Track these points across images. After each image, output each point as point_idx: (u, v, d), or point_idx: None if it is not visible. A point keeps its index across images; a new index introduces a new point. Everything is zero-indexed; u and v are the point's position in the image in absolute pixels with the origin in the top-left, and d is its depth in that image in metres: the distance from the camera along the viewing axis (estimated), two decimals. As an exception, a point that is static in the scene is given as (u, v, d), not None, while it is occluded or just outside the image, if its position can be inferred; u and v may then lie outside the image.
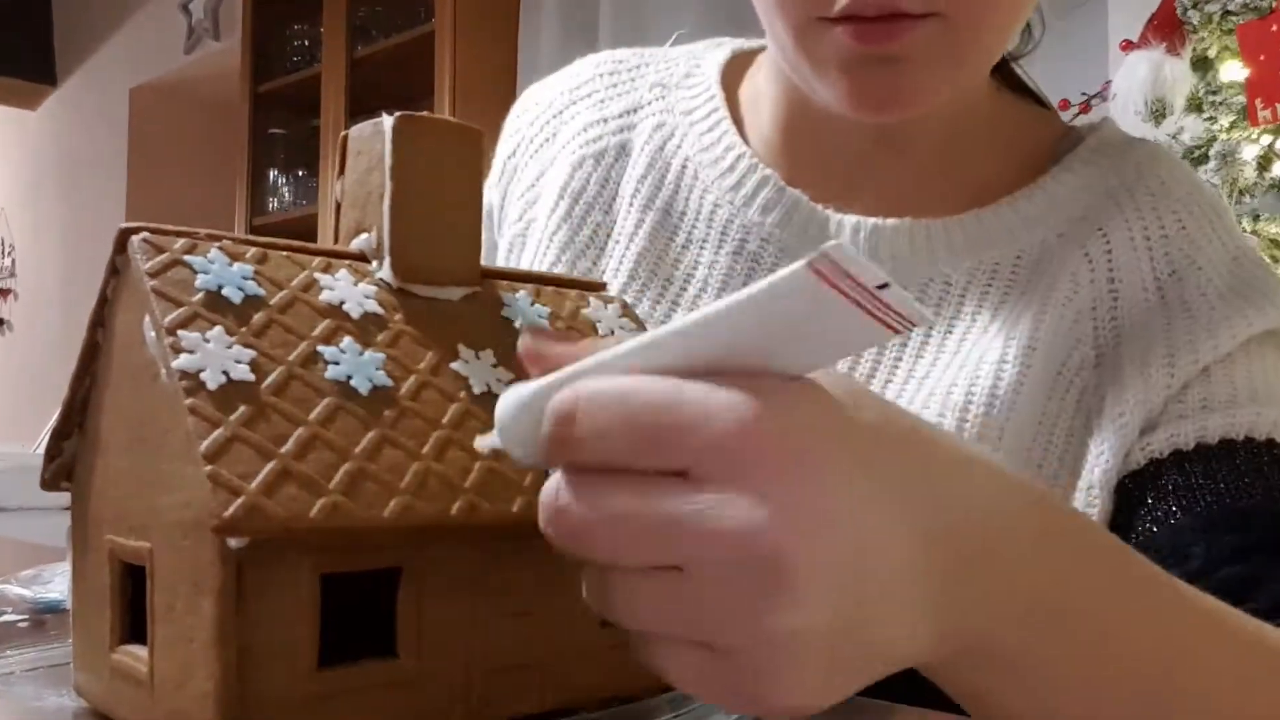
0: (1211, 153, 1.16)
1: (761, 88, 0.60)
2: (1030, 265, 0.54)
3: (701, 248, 0.57)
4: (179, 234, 0.32)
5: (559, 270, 0.59)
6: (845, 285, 0.23)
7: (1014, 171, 0.56)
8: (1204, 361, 0.50)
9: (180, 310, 0.29)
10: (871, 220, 0.55)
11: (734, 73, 0.62)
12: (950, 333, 0.54)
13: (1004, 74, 0.60)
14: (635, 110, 0.62)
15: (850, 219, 0.55)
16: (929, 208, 0.55)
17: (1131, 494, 0.50)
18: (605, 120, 0.62)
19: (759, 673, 0.25)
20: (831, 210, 0.56)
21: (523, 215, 0.63)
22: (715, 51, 0.64)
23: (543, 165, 0.63)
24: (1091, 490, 0.51)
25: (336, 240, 0.36)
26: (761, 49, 0.62)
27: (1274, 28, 1.11)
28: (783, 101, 0.58)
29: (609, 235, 0.60)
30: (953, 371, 0.52)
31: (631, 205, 0.59)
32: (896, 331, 0.24)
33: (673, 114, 0.61)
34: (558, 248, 0.60)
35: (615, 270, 0.58)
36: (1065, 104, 1.48)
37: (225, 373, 0.28)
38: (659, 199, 0.59)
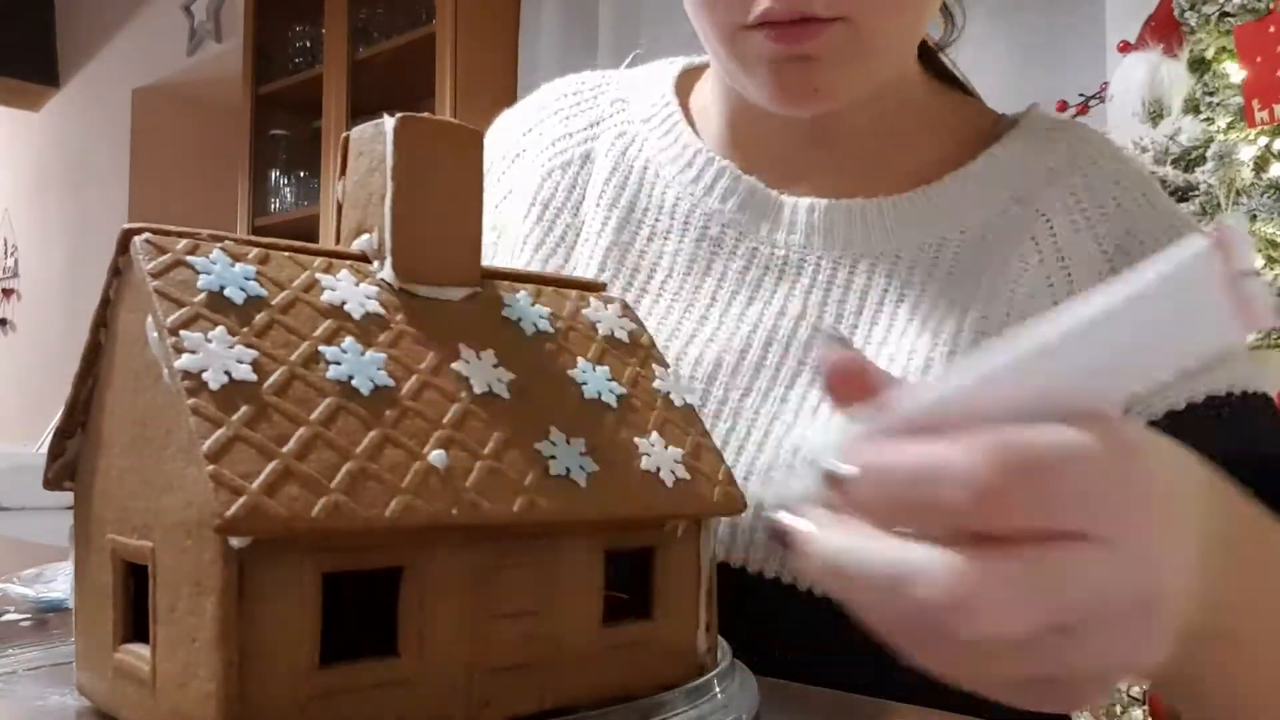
0: (1208, 154, 1.16)
1: (708, 95, 0.65)
2: (976, 240, 0.56)
3: (665, 238, 0.61)
4: (181, 234, 0.32)
5: (534, 269, 0.61)
6: (1226, 270, 0.21)
7: (950, 153, 0.59)
8: None
9: (182, 310, 0.29)
10: (824, 200, 0.58)
11: (685, 84, 0.68)
12: (902, 303, 0.55)
13: (935, 66, 0.64)
14: (598, 123, 0.67)
15: (804, 200, 0.58)
16: (873, 190, 0.58)
17: None
18: (570, 134, 0.67)
19: (1086, 692, 0.27)
20: (785, 194, 0.59)
21: (494, 226, 0.67)
22: (668, 68, 0.69)
23: (512, 182, 0.67)
24: None
25: (338, 241, 0.36)
26: (708, 64, 0.67)
27: (1271, 29, 1.11)
28: (726, 104, 0.62)
29: (578, 235, 0.63)
30: (909, 339, 0.54)
31: (598, 206, 0.63)
32: (1245, 331, 0.23)
33: (633, 123, 0.65)
34: (530, 249, 0.63)
35: (585, 266, 0.61)
36: (1063, 105, 1.48)
37: (227, 373, 0.28)
38: (623, 198, 0.62)
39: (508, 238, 0.65)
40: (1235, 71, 1.19)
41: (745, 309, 0.57)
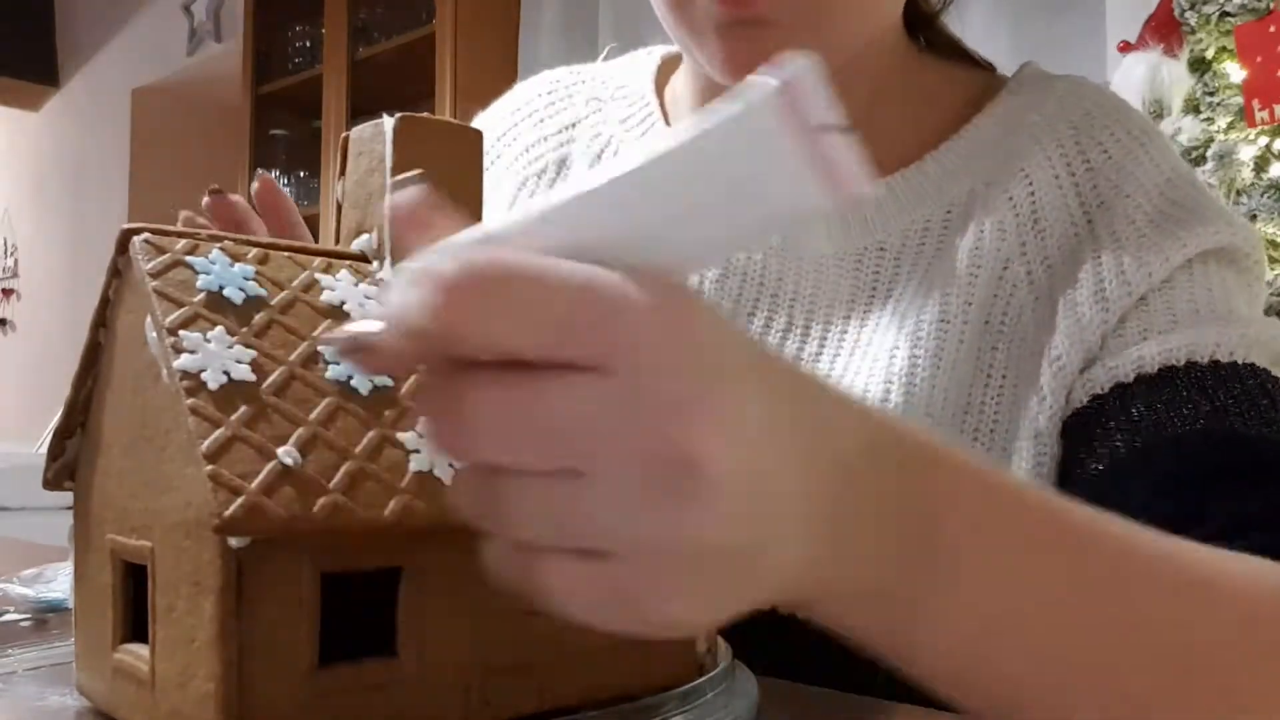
0: (1209, 154, 1.16)
1: (679, 85, 0.63)
2: (960, 218, 0.54)
3: None
4: (180, 235, 0.32)
5: None
6: (797, 120, 0.18)
7: (935, 127, 0.56)
8: (1140, 291, 0.49)
9: (182, 310, 0.29)
10: None
11: (664, 76, 0.65)
12: (889, 297, 0.54)
13: (931, 35, 0.61)
14: (573, 125, 0.65)
15: None
16: None
17: (1077, 434, 0.49)
18: (545, 139, 0.65)
19: (649, 583, 0.23)
20: None
21: None
22: (646, 60, 0.66)
23: (487, 189, 0.66)
24: (1039, 438, 0.50)
25: (337, 241, 0.36)
26: None
27: (1271, 29, 1.11)
28: (695, 88, 0.60)
29: None
30: (892, 335, 0.52)
31: None
32: (829, 196, 0.19)
33: (609, 124, 0.64)
34: None
35: None
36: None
37: (226, 373, 0.28)
38: None
39: None
40: (1235, 71, 1.19)
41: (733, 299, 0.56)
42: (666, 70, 0.65)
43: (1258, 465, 0.44)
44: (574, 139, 0.64)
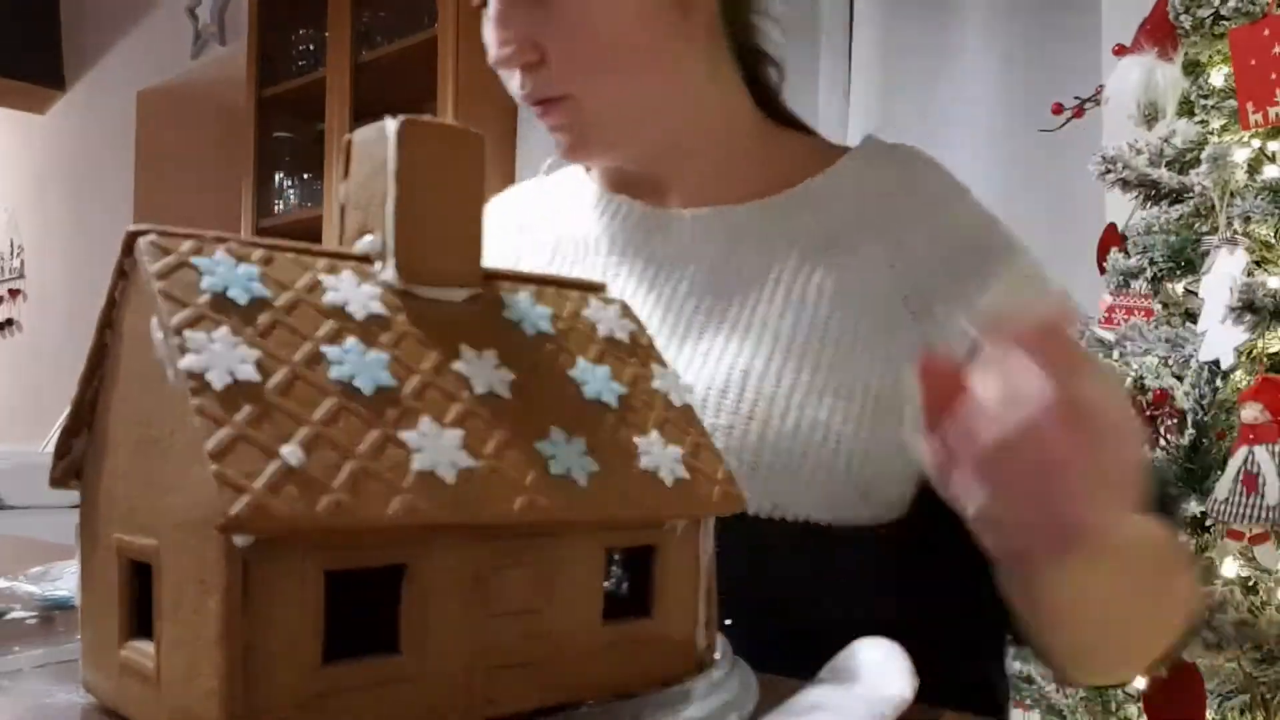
0: (1203, 156, 1.16)
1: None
2: (830, 230, 0.67)
3: (584, 259, 0.72)
4: (186, 236, 0.32)
5: None
6: None
7: (788, 177, 0.70)
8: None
9: (187, 311, 0.30)
10: (706, 208, 0.69)
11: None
12: (779, 284, 0.66)
13: (779, 113, 0.76)
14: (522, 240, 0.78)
15: (690, 210, 0.70)
16: (736, 200, 0.70)
17: None
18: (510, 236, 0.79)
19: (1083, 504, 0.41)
20: (672, 210, 0.71)
21: None
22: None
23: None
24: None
25: (341, 242, 0.37)
26: None
27: (1265, 32, 1.11)
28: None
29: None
30: (778, 307, 0.65)
31: (535, 256, 0.76)
32: None
33: (559, 236, 0.76)
34: None
35: None
36: (1059, 108, 1.48)
37: (231, 373, 0.29)
38: (549, 244, 0.76)
39: None
40: (1221, 78, 1.19)
41: (646, 296, 0.68)
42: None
43: None
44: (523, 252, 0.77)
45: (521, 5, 0.65)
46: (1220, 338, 1.09)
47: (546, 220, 0.78)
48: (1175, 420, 1.15)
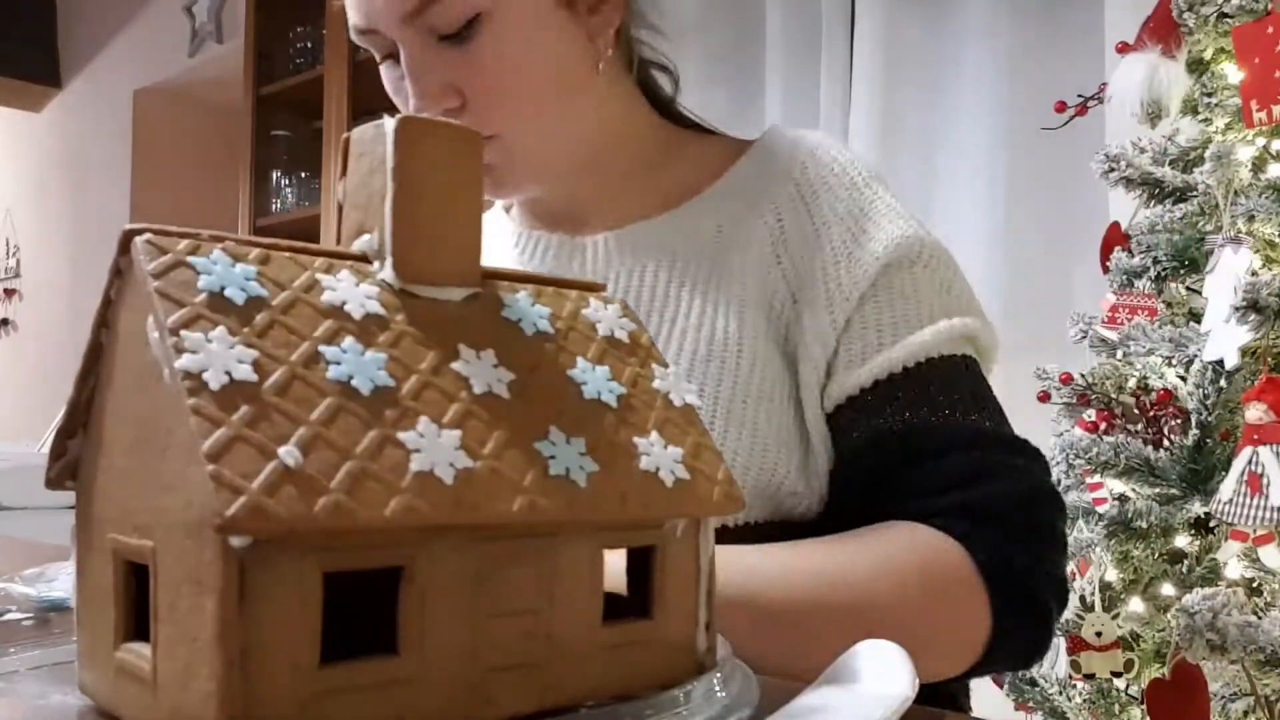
0: (1207, 154, 1.16)
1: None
2: (730, 233, 0.71)
3: None
4: (182, 235, 0.32)
5: None
6: None
7: (696, 180, 0.74)
8: (856, 294, 0.66)
9: (183, 311, 0.30)
10: (614, 231, 0.74)
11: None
12: (683, 288, 0.70)
13: (681, 117, 0.80)
14: None
15: (597, 235, 0.74)
16: (642, 215, 0.74)
17: (831, 433, 0.67)
18: None
19: None
20: (584, 236, 0.75)
21: None
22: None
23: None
24: (818, 422, 0.67)
25: (339, 241, 0.37)
26: None
27: (1269, 30, 1.11)
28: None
29: None
30: (696, 312, 0.69)
31: None
32: None
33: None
34: None
35: None
36: (1062, 106, 1.48)
37: (228, 373, 0.29)
38: None
39: None
40: (1233, 72, 1.19)
41: None
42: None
43: (944, 442, 0.62)
44: None
45: (434, 51, 0.66)
46: (1224, 337, 1.08)
47: None
48: (1179, 420, 1.15)
